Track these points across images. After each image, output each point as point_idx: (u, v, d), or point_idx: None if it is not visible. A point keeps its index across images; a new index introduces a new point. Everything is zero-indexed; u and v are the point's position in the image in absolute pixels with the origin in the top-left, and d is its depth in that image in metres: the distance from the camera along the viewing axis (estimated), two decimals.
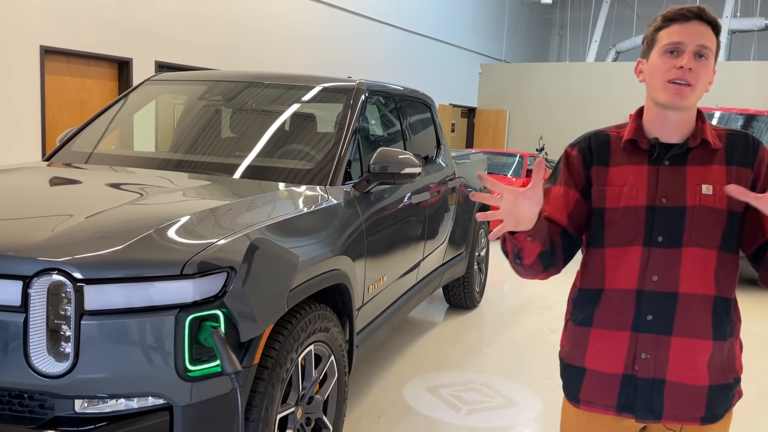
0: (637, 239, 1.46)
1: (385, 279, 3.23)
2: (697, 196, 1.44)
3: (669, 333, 1.44)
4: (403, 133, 3.94)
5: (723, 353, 1.47)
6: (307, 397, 2.39)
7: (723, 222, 1.43)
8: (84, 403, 1.78)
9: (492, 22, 18.21)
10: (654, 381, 1.46)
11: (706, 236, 1.43)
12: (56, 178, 2.76)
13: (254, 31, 9.78)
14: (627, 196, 1.47)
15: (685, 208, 1.44)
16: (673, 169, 1.46)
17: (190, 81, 3.77)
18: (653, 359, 1.45)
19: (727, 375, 1.49)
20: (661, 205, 1.45)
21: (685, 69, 1.40)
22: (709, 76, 1.44)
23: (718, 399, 1.47)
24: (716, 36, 1.44)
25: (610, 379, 1.49)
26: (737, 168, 1.46)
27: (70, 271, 1.74)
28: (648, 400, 1.47)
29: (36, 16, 6.82)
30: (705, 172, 1.45)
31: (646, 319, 1.45)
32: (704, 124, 1.49)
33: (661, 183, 1.46)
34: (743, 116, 7.90)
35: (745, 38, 19.19)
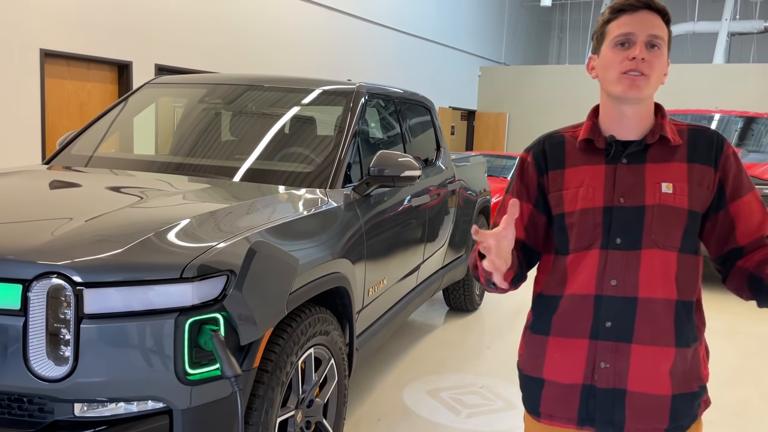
0: (596, 242, 1.39)
1: (385, 282, 3.23)
2: (657, 195, 1.36)
3: (629, 340, 1.36)
4: (403, 135, 3.94)
5: (687, 360, 1.39)
6: (307, 400, 2.39)
7: (683, 222, 1.36)
8: (83, 406, 1.78)
9: (491, 25, 18.23)
10: (614, 391, 1.38)
11: (666, 237, 1.36)
12: (56, 182, 2.76)
13: (254, 34, 9.80)
14: (583, 197, 1.41)
15: (644, 208, 1.37)
16: (632, 167, 1.39)
17: (190, 84, 3.77)
18: (613, 368, 1.37)
19: (692, 383, 1.39)
20: (618, 205, 1.38)
21: (638, 60, 1.34)
22: (664, 66, 1.38)
23: (682, 409, 1.38)
24: (667, 25, 1.39)
25: (570, 390, 1.41)
26: (699, 166, 1.38)
27: (69, 275, 1.74)
28: (608, 412, 1.39)
29: (36, 19, 6.82)
30: (665, 169, 1.38)
31: (605, 325, 1.37)
32: (663, 120, 1.42)
33: (618, 182, 1.39)
34: (743, 119, 7.90)
35: (744, 41, 19.21)
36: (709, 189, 1.38)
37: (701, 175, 1.38)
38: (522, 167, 1.53)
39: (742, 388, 3.97)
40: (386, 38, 13.31)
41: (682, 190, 1.36)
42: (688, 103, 12.87)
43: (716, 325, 5.35)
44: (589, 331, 1.39)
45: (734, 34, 18.03)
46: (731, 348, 4.79)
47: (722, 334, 5.11)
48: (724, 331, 5.18)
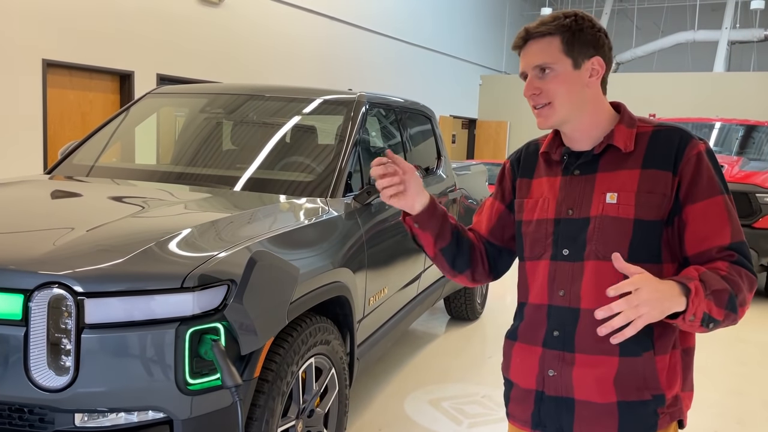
0: (546, 252, 1.42)
1: (385, 291, 3.22)
2: (601, 206, 1.35)
3: (572, 350, 1.37)
4: (404, 144, 3.95)
5: (636, 369, 1.34)
6: (308, 410, 2.38)
7: (629, 232, 1.32)
8: (84, 417, 1.78)
9: (492, 34, 18.31)
10: (561, 399, 1.39)
11: (609, 248, 1.32)
12: (58, 192, 2.77)
13: (255, 45, 9.84)
14: (540, 208, 1.44)
15: (589, 219, 1.36)
16: (584, 178, 1.39)
17: (192, 94, 3.79)
18: (560, 376, 1.39)
19: (642, 392, 1.34)
20: (566, 217, 1.39)
21: (533, 93, 1.37)
22: (571, 80, 1.34)
23: (631, 417, 1.34)
24: (561, 36, 1.34)
25: (526, 394, 1.45)
26: (653, 171, 1.33)
27: (70, 285, 1.74)
28: (556, 419, 1.40)
29: (38, 30, 6.86)
30: (614, 178, 1.36)
31: (553, 335, 1.40)
32: (618, 126, 1.38)
33: (567, 194, 1.40)
34: (743, 127, 7.91)
35: (744, 49, 19.27)
36: (665, 195, 1.32)
37: (654, 181, 1.33)
38: (502, 172, 1.59)
39: (745, 396, 3.96)
40: (387, 47, 13.36)
41: (627, 199, 1.33)
42: (689, 112, 12.89)
43: (719, 333, 5.32)
44: (542, 339, 1.42)
45: (734, 42, 18.08)
46: (735, 356, 4.77)
47: (725, 342, 5.09)
48: (727, 339, 5.17)
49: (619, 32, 20.09)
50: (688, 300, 1.20)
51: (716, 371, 4.39)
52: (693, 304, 1.20)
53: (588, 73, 1.36)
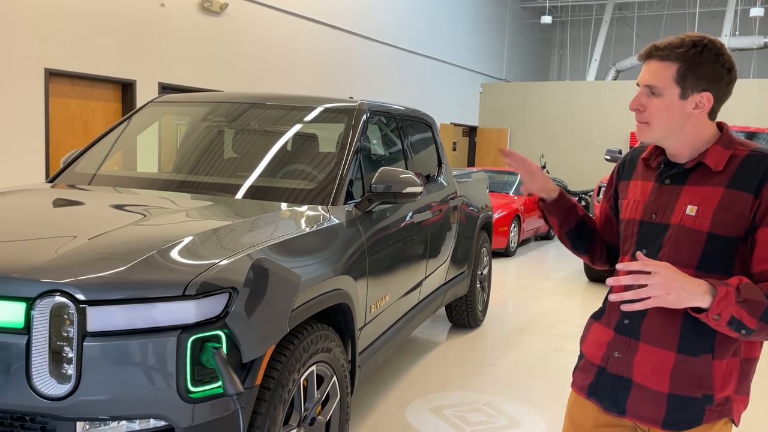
0: (630, 249, 1.59)
1: (387, 298, 3.23)
2: (680, 216, 1.49)
3: (637, 338, 1.55)
4: (405, 152, 3.96)
5: (692, 368, 1.48)
6: (309, 418, 2.38)
7: (701, 243, 1.45)
8: (86, 425, 1.77)
9: (492, 42, 18.37)
10: (620, 378, 1.57)
11: (681, 254, 1.47)
12: (60, 200, 2.78)
13: (257, 53, 9.88)
14: (631, 209, 1.62)
15: (668, 226, 1.51)
16: (672, 188, 1.53)
17: (193, 102, 3.81)
18: (623, 359, 1.57)
19: (695, 390, 1.48)
20: (649, 221, 1.55)
21: (637, 108, 1.50)
22: (672, 109, 1.46)
23: (679, 408, 1.50)
24: (679, 65, 1.44)
25: (590, 365, 1.66)
26: (736, 192, 1.44)
27: (72, 293, 1.74)
28: (613, 395, 1.58)
29: (40, 39, 6.90)
30: (698, 192, 1.48)
31: (624, 322, 1.58)
32: (714, 146, 1.49)
33: (655, 200, 1.56)
34: (744, 134, 7.92)
35: (744, 56, 19.30)
36: (743, 215, 1.43)
37: (735, 201, 1.43)
38: (612, 173, 1.79)
39: (750, 406, 3.94)
40: (388, 56, 13.41)
41: (705, 213, 1.45)
42: None
43: None
44: (615, 324, 1.60)
45: (734, 49, 18.09)
46: None
47: None
48: None
49: (619, 40, 20.16)
50: (713, 299, 1.33)
51: None
52: (719, 305, 1.33)
53: (693, 105, 1.46)
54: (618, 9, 20.19)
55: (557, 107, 16.75)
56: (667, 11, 19.91)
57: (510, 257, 9.31)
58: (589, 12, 20.95)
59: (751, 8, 16.49)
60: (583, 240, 1.80)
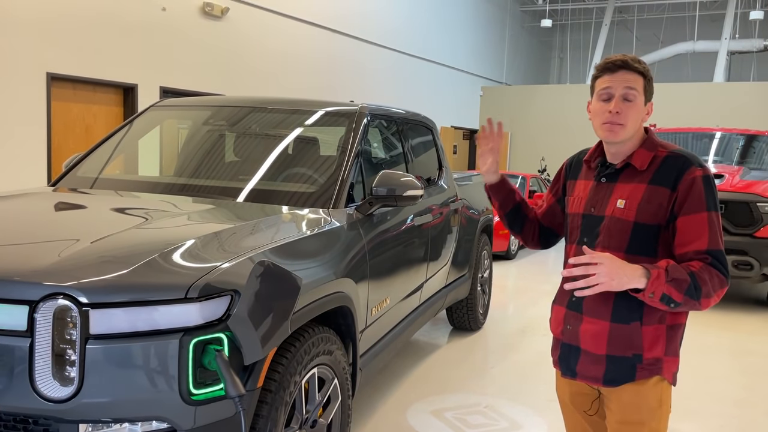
0: (575, 239, 1.87)
1: (388, 301, 3.23)
2: (612, 208, 1.77)
3: (581, 312, 1.82)
4: (405, 155, 3.97)
5: (624, 333, 1.75)
6: (311, 420, 2.38)
7: (629, 230, 1.74)
8: (88, 427, 1.78)
9: (493, 46, 18.40)
10: (571, 347, 1.86)
11: (613, 240, 1.76)
12: (62, 204, 2.79)
13: (258, 57, 9.91)
14: (575, 204, 1.89)
15: (603, 218, 1.79)
16: (606, 185, 1.82)
17: (195, 106, 3.82)
18: (572, 330, 1.85)
19: (626, 350, 1.76)
20: (589, 213, 1.84)
21: (614, 113, 1.72)
22: (640, 113, 1.74)
23: (615, 367, 1.77)
24: (642, 75, 1.73)
25: (556, 342, 1.94)
26: (655, 187, 1.72)
27: (75, 296, 1.75)
28: (567, 361, 1.88)
29: (42, 43, 6.92)
30: (626, 189, 1.77)
31: (572, 300, 1.85)
32: (639, 149, 1.77)
33: (593, 196, 1.84)
34: (744, 136, 7.93)
35: (744, 59, 19.33)
36: (662, 206, 1.71)
37: (655, 194, 1.72)
38: (559, 171, 2.06)
39: (748, 407, 3.95)
40: (389, 59, 13.44)
41: (631, 206, 1.74)
42: (689, 122, 12.91)
43: (725, 342, 5.32)
44: (566, 302, 1.88)
45: (734, 52, 18.15)
46: (738, 366, 4.76)
47: (730, 352, 5.08)
48: (732, 349, 5.16)
49: (619, 43, 20.18)
50: (648, 281, 1.60)
51: (720, 382, 4.38)
52: (652, 285, 1.61)
53: (646, 111, 1.77)
54: (618, 12, 20.22)
55: (557, 110, 16.76)
56: (666, 14, 19.94)
57: (511, 260, 9.31)
58: (589, 15, 20.98)
59: (750, 11, 16.52)
60: (518, 222, 2.10)
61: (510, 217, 2.10)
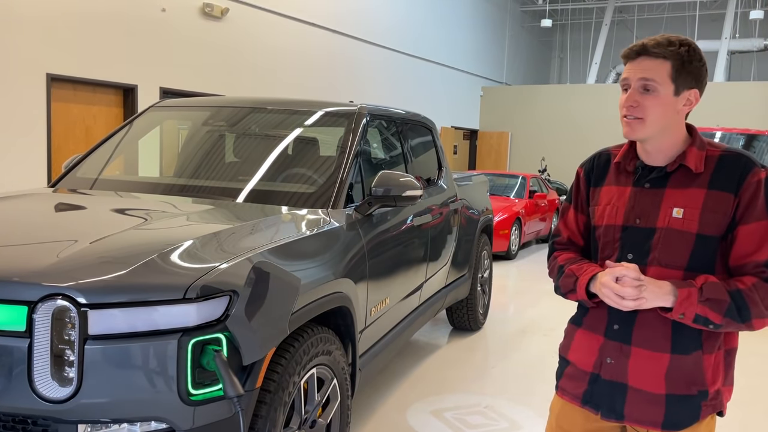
0: (613, 255, 1.59)
1: (387, 301, 3.23)
2: (667, 219, 1.51)
3: (629, 343, 1.56)
4: (405, 156, 3.97)
5: (685, 366, 1.52)
6: (310, 420, 2.38)
7: (690, 245, 1.49)
8: (87, 428, 1.78)
9: (493, 46, 18.40)
10: (615, 384, 1.58)
11: (671, 257, 1.50)
12: (61, 204, 2.80)
13: (257, 58, 9.91)
14: (608, 215, 1.61)
15: (654, 230, 1.53)
16: (653, 191, 1.55)
17: (195, 107, 3.82)
18: (616, 364, 1.57)
19: (690, 387, 1.52)
20: (633, 225, 1.56)
21: (630, 105, 1.49)
22: (666, 105, 1.48)
23: (677, 408, 1.53)
24: (673, 62, 1.47)
25: (582, 373, 1.65)
26: (717, 192, 1.48)
27: (74, 296, 1.75)
28: (610, 401, 1.59)
29: (42, 44, 6.93)
30: (681, 195, 1.51)
31: (614, 328, 1.58)
32: (691, 148, 1.52)
33: (636, 204, 1.56)
34: (744, 136, 7.93)
35: (744, 59, 19.32)
36: (725, 214, 1.47)
37: (718, 201, 1.47)
38: (577, 181, 1.74)
39: (748, 407, 3.94)
40: (388, 60, 13.44)
41: (692, 215, 1.48)
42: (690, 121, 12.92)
43: None
44: (604, 329, 1.60)
45: (734, 52, 18.14)
46: (739, 367, 4.74)
47: None
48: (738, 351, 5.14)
49: (619, 43, 20.18)
50: (675, 300, 1.43)
51: None
52: (681, 305, 1.43)
53: (683, 102, 1.51)
54: (618, 12, 20.22)
55: (558, 110, 16.76)
56: (667, 14, 19.94)
57: (511, 260, 9.31)
58: (589, 15, 20.98)
59: (750, 11, 16.52)
60: None
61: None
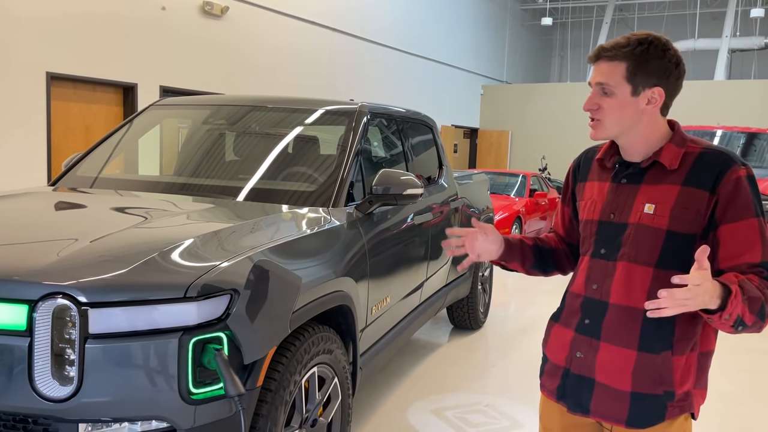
0: (589, 249, 1.60)
1: (388, 300, 3.23)
2: (638, 214, 1.50)
3: (598, 338, 1.55)
4: (405, 154, 3.97)
5: (652, 365, 1.49)
6: (311, 419, 2.38)
7: (660, 240, 1.47)
8: (88, 427, 1.78)
9: (493, 44, 18.39)
10: (583, 378, 1.58)
11: (640, 253, 1.49)
12: (61, 203, 2.79)
13: (257, 56, 9.90)
14: (588, 209, 1.63)
15: (626, 225, 1.52)
16: (629, 187, 1.54)
17: (195, 105, 3.82)
18: (585, 359, 1.57)
19: (656, 386, 1.49)
20: (607, 220, 1.56)
21: (590, 107, 1.51)
22: (624, 106, 1.48)
23: (641, 406, 1.51)
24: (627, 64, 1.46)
25: (556, 368, 1.66)
26: (691, 189, 1.46)
27: (74, 295, 1.75)
28: (577, 395, 1.59)
29: (42, 43, 6.92)
30: (655, 191, 1.50)
31: (584, 322, 1.58)
32: (668, 145, 1.51)
33: (613, 200, 1.57)
34: (745, 134, 7.93)
35: (745, 57, 19.30)
36: (699, 212, 1.45)
37: (691, 198, 1.45)
38: (567, 176, 1.78)
39: (749, 405, 3.94)
40: (389, 58, 13.42)
41: (663, 211, 1.47)
42: (690, 120, 12.90)
43: (728, 341, 5.30)
44: (576, 324, 1.60)
45: (735, 50, 18.12)
46: (741, 365, 4.75)
47: (733, 350, 5.07)
48: (735, 347, 5.14)
49: None
50: (726, 301, 1.31)
51: (722, 380, 4.37)
52: (732, 305, 1.31)
53: (645, 101, 1.49)
54: (618, 10, 20.21)
55: (558, 109, 16.75)
56: (667, 12, 19.92)
57: None
58: (590, 14, 20.96)
59: (751, 9, 16.50)
60: (548, 262, 1.80)
61: (539, 266, 1.79)
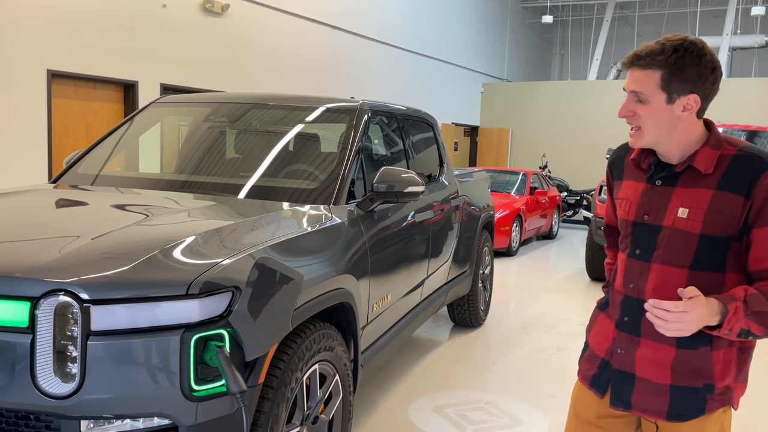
0: (626, 249, 1.64)
1: (389, 298, 3.23)
2: (672, 218, 1.53)
3: (638, 334, 1.59)
4: (406, 152, 3.97)
5: (692, 360, 1.53)
6: (312, 416, 2.39)
7: (694, 245, 1.50)
8: (90, 423, 1.78)
9: (493, 42, 18.37)
10: (623, 374, 1.62)
11: (674, 256, 1.52)
12: (63, 200, 2.79)
13: (258, 54, 9.89)
14: (623, 209, 1.65)
15: (661, 228, 1.55)
16: (663, 189, 1.56)
17: (195, 103, 3.82)
18: (626, 354, 1.62)
19: (696, 380, 1.54)
20: (642, 221, 1.59)
21: (625, 114, 1.52)
22: (659, 114, 1.48)
23: (682, 399, 1.55)
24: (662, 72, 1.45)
25: (595, 357, 1.71)
26: (725, 194, 1.46)
27: (76, 292, 1.75)
28: (618, 390, 1.64)
29: (43, 41, 6.92)
30: (689, 195, 1.51)
31: (624, 319, 1.63)
32: (703, 148, 1.51)
33: (647, 201, 1.58)
34: (745, 132, 7.92)
35: (745, 55, 19.28)
36: (733, 216, 1.46)
37: (724, 202, 1.46)
38: (606, 172, 1.80)
39: (750, 406, 3.94)
40: (389, 56, 13.41)
41: (697, 215, 1.49)
42: None
43: None
44: (616, 320, 1.65)
45: (735, 48, 18.10)
46: None
47: None
48: None
49: (620, 39, 20.14)
50: (724, 318, 1.40)
51: None
52: (729, 322, 1.41)
53: (681, 108, 1.48)
54: (619, 8, 20.18)
55: (558, 107, 16.73)
56: (668, 10, 19.90)
57: (512, 257, 9.31)
58: (590, 11, 20.93)
59: (752, 7, 16.48)
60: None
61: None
